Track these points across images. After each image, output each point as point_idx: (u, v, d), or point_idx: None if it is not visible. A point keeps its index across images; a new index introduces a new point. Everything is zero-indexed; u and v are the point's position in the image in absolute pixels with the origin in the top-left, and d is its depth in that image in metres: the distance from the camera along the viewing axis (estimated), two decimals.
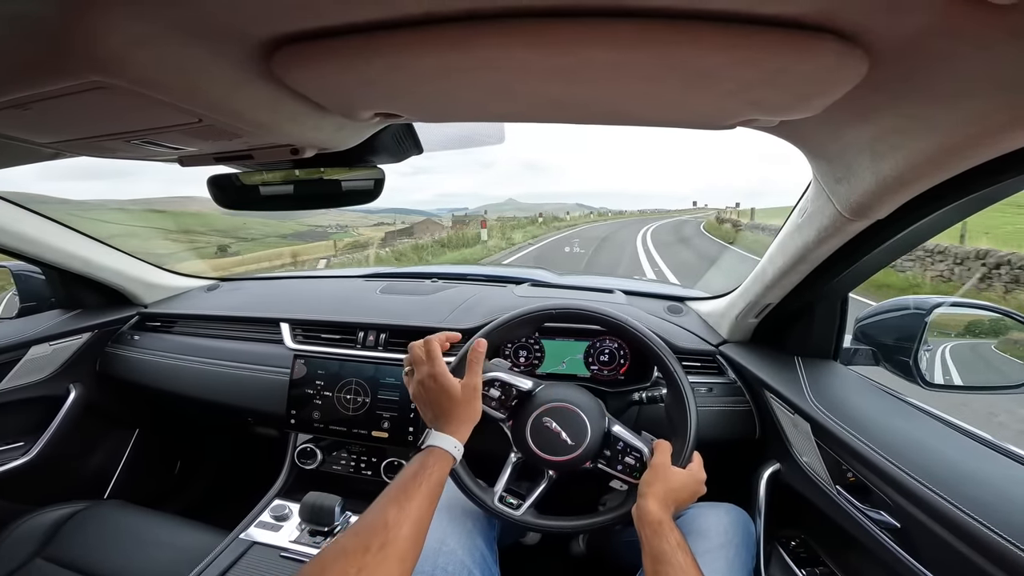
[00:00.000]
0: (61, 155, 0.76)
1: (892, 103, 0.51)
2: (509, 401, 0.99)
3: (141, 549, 1.11)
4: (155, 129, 0.58)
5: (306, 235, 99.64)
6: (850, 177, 0.66)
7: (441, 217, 32.68)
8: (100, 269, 1.47)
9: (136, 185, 48.89)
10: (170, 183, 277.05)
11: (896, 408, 0.92)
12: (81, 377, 1.48)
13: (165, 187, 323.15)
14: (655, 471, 0.87)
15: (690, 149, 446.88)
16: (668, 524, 0.78)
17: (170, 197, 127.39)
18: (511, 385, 0.99)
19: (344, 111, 0.59)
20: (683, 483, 0.86)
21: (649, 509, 0.80)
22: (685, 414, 0.93)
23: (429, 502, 0.68)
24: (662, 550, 0.74)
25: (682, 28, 0.40)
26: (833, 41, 0.40)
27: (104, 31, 0.38)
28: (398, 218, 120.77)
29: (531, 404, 0.97)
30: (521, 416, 0.97)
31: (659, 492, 0.83)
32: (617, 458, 0.94)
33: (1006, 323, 1.03)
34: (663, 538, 0.75)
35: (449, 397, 0.80)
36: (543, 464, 0.96)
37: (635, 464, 0.93)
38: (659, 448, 0.91)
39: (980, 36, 0.38)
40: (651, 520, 0.78)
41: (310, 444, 1.31)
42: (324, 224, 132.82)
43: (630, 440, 0.94)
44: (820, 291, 0.99)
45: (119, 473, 1.60)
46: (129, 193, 50.79)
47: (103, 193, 61.95)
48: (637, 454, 0.93)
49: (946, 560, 0.65)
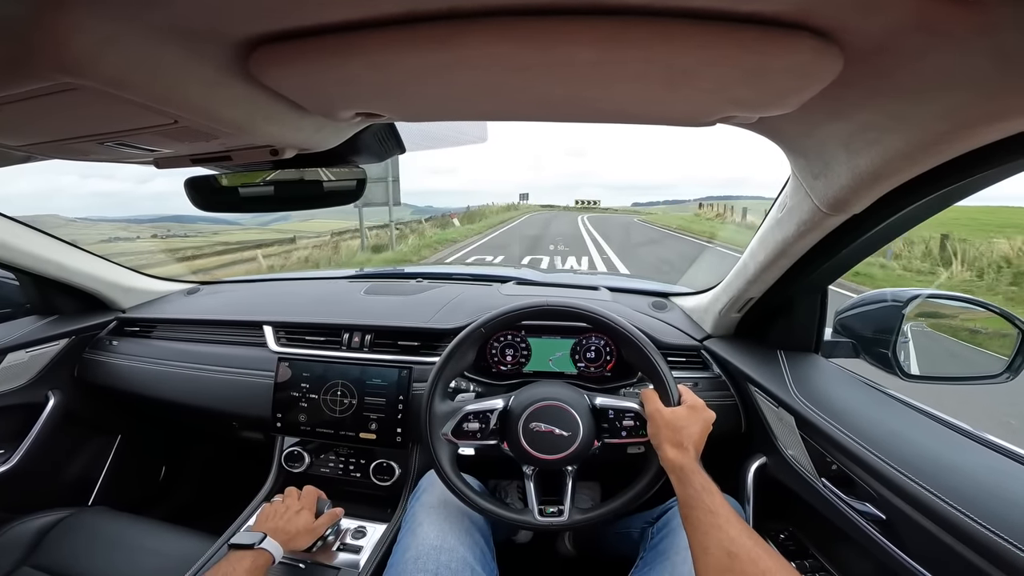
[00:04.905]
0: (32, 158, 0.74)
1: (867, 99, 0.52)
2: (491, 426, 0.98)
3: (128, 556, 1.10)
4: (129, 131, 0.57)
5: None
6: (827, 172, 0.68)
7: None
8: (75, 274, 1.44)
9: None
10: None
11: (877, 400, 0.93)
12: (59, 384, 1.45)
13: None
14: (654, 420, 0.86)
15: (651, 142, 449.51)
16: (690, 467, 0.77)
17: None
18: (483, 411, 0.98)
19: (324, 111, 0.58)
20: (687, 419, 0.85)
21: (668, 457, 0.79)
22: (651, 362, 0.94)
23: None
24: (688, 495, 0.73)
25: (663, 26, 0.40)
26: (809, 38, 0.40)
27: (74, 31, 0.37)
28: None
29: (512, 418, 0.97)
30: (511, 433, 0.96)
31: (669, 437, 0.82)
32: (616, 426, 0.95)
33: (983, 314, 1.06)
34: (687, 483, 0.74)
35: (299, 526, 0.98)
36: (555, 465, 0.95)
37: (635, 424, 0.94)
38: (647, 398, 0.91)
39: (950, 33, 0.39)
40: (673, 467, 0.78)
41: (297, 447, 1.30)
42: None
43: (618, 404, 0.95)
44: (800, 285, 1.00)
45: (102, 480, 1.57)
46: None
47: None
48: (631, 413, 0.94)
49: (931, 550, 0.66)
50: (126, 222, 34.98)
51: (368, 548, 1.09)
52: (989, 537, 0.58)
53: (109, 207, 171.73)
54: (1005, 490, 0.65)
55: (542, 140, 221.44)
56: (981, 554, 0.59)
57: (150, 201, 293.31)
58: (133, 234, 20.59)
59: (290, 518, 0.99)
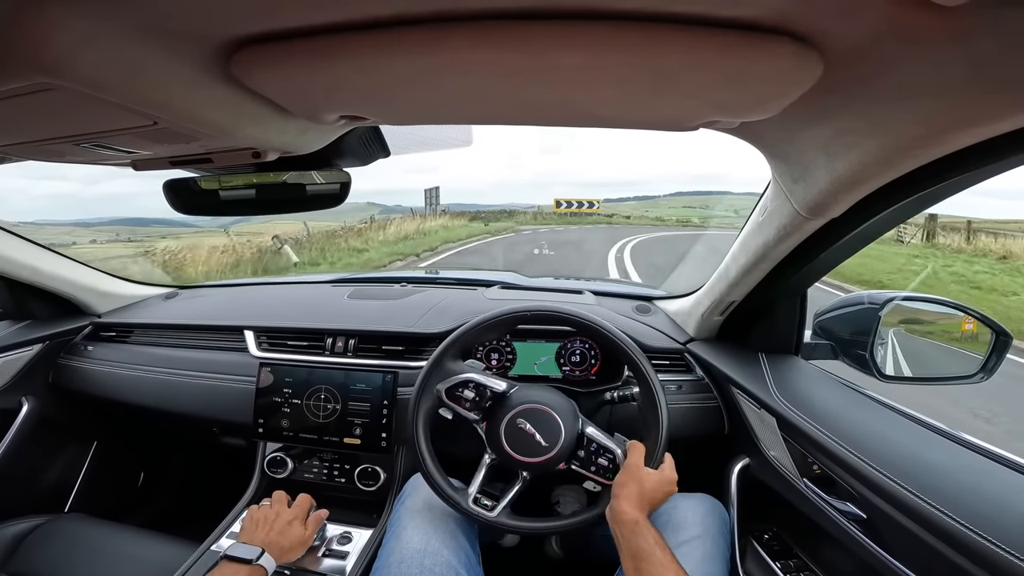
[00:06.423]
0: (7, 159, 0.73)
1: (845, 105, 0.53)
2: (483, 403, 0.99)
3: (107, 563, 1.08)
4: (106, 132, 0.56)
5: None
6: (807, 177, 0.69)
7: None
8: (49, 278, 1.41)
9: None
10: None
11: (856, 401, 0.95)
12: (34, 390, 1.41)
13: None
14: (628, 472, 0.88)
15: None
16: (645, 523, 0.79)
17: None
18: (485, 387, 0.99)
19: (308, 114, 0.58)
20: (656, 483, 0.87)
21: (624, 509, 0.81)
22: (657, 413, 0.95)
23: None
24: (641, 547, 0.75)
25: (648, 30, 0.40)
26: (790, 43, 0.41)
27: (52, 30, 0.36)
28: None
29: (505, 406, 0.97)
30: (495, 418, 0.97)
31: (633, 493, 0.84)
32: (591, 459, 0.95)
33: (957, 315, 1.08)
34: (642, 536, 0.77)
35: (291, 537, 0.95)
36: (517, 466, 0.96)
37: (608, 465, 0.94)
38: (632, 449, 0.92)
39: (925, 39, 0.40)
40: (628, 520, 0.79)
41: (280, 453, 1.28)
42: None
43: (603, 441, 0.95)
44: (781, 288, 1.02)
45: (79, 486, 1.53)
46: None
47: None
48: (610, 455, 0.94)
49: (912, 548, 0.67)
50: (74, 226, 32.97)
51: (355, 554, 1.07)
52: (967, 535, 0.59)
53: (60, 210, 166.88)
54: (983, 488, 0.67)
55: (518, 139, 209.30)
56: (960, 551, 0.60)
57: (107, 203, 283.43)
58: (71, 239, 19.59)
59: (283, 530, 0.95)
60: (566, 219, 32.60)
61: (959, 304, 1.06)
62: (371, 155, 0.82)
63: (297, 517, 1.00)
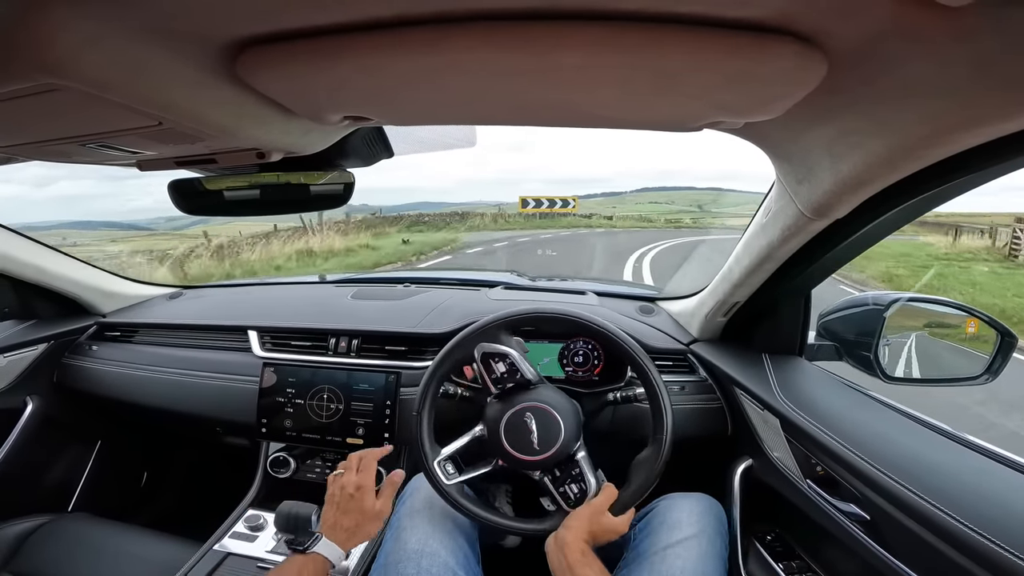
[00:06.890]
0: (12, 160, 0.73)
1: (850, 105, 0.53)
2: (506, 382, 0.99)
3: (110, 562, 1.08)
4: (112, 132, 0.56)
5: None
6: (811, 178, 0.69)
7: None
8: (54, 278, 1.42)
9: None
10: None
11: (860, 402, 0.95)
12: (38, 389, 1.42)
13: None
14: (591, 508, 0.89)
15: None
16: (591, 554, 0.82)
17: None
18: (518, 370, 0.99)
19: (312, 114, 0.58)
20: (605, 529, 0.88)
21: (570, 539, 0.83)
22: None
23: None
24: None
25: (650, 31, 0.40)
26: (793, 43, 0.41)
27: (57, 31, 0.36)
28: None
29: (523, 395, 0.98)
30: (507, 400, 0.98)
31: (583, 528, 0.85)
32: (564, 481, 0.95)
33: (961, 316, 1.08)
34: (588, 567, 0.79)
35: (361, 511, 0.85)
36: (499, 452, 0.97)
37: (576, 495, 0.94)
38: (605, 491, 0.92)
39: (929, 39, 0.40)
40: (575, 549, 0.81)
41: (283, 453, 1.28)
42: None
43: (586, 472, 0.95)
44: (785, 289, 1.02)
45: (82, 486, 1.54)
46: None
47: None
48: (583, 488, 0.94)
49: (915, 550, 0.67)
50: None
51: (356, 554, 1.07)
52: (971, 535, 0.59)
53: (5, 214, 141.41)
54: (986, 489, 0.66)
55: (484, 134, 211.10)
56: (963, 552, 0.60)
57: (56, 205, 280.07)
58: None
59: (345, 506, 0.84)
60: (534, 221, 25.37)
61: (964, 305, 1.05)
62: (375, 156, 0.82)
63: (363, 485, 0.86)
